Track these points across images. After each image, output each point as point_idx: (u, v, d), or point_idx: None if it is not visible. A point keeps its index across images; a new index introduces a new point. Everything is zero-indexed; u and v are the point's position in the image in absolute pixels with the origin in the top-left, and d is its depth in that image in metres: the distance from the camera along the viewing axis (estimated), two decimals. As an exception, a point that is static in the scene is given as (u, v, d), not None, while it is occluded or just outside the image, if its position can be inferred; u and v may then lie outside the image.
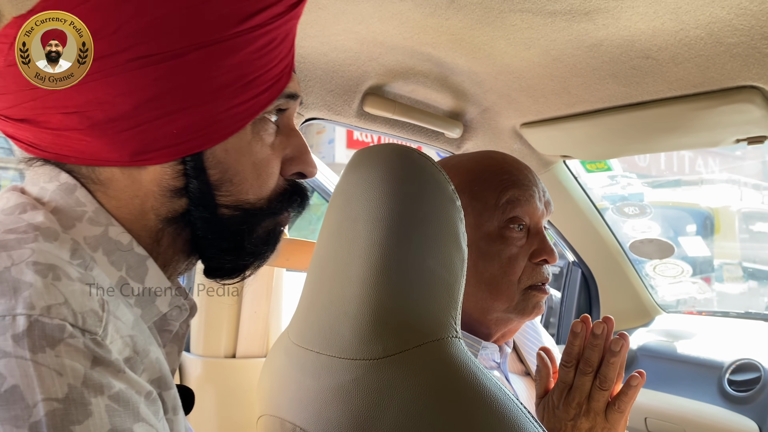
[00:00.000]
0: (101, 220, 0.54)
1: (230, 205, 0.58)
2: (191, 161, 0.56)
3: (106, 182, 0.55)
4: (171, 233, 0.58)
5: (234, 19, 0.53)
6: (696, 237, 5.39)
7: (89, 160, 0.54)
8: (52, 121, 0.52)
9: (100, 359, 0.45)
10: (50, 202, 0.54)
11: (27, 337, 0.42)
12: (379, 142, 0.89)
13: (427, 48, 1.11)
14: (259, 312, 1.34)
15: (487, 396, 0.68)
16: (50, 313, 0.43)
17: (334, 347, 0.75)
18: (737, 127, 1.28)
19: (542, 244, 0.95)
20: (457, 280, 0.77)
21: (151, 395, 0.49)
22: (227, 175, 0.58)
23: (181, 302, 0.60)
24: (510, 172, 0.96)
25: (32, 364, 0.41)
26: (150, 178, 0.56)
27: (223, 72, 0.54)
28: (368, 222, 0.76)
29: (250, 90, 0.56)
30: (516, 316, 0.95)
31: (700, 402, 1.63)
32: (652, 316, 2.09)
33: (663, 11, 0.90)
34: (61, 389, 0.41)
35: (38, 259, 0.47)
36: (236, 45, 0.54)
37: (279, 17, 0.57)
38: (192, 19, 0.52)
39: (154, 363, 0.53)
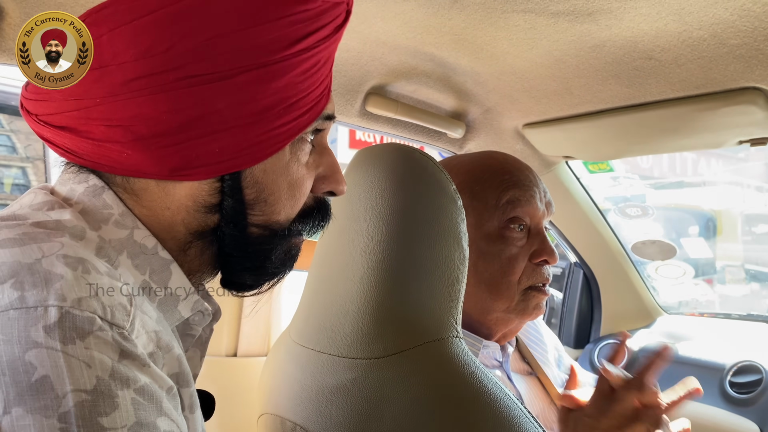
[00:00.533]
0: (127, 222, 0.55)
1: (260, 224, 0.59)
2: (229, 180, 0.56)
3: (139, 192, 0.56)
4: (199, 246, 0.59)
5: (283, 42, 0.54)
6: (698, 239, 5.38)
7: (127, 171, 0.55)
8: (95, 131, 0.52)
9: (126, 353, 0.45)
10: (78, 203, 0.55)
11: (58, 328, 0.42)
12: (382, 142, 0.89)
13: (430, 48, 1.11)
14: (260, 311, 1.34)
15: (487, 395, 0.68)
16: (81, 306, 0.44)
17: (335, 346, 0.75)
18: (740, 129, 1.28)
19: (543, 245, 0.95)
20: (458, 280, 0.77)
21: (172, 390, 0.50)
22: (263, 195, 0.58)
23: (204, 306, 0.60)
24: (511, 172, 0.96)
25: (62, 355, 0.42)
26: (185, 192, 0.56)
27: (269, 94, 0.54)
28: (370, 221, 0.76)
29: (292, 112, 0.56)
30: (516, 316, 0.95)
31: (701, 404, 1.63)
32: (654, 318, 2.09)
33: (666, 12, 0.90)
34: (89, 381, 0.42)
35: (68, 252, 0.47)
36: (283, 69, 0.55)
37: (325, 40, 0.58)
38: (243, 41, 0.52)
39: (175, 359, 0.54)
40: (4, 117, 2.91)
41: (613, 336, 2.00)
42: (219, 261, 0.61)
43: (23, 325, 0.42)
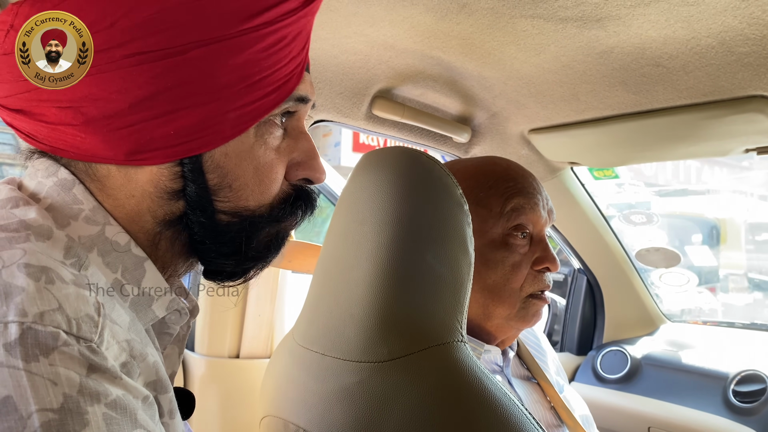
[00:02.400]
0: (98, 218, 0.52)
1: (228, 211, 0.56)
2: (189, 164, 0.53)
3: (102, 179, 0.54)
4: (168, 237, 0.56)
5: (240, 15, 0.51)
6: (702, 247, 5.37)
7: (84, 156, 0.52)
8: (47, 114, 0.50)
9: (95, 366, 0.43)
10: (46, 198, 0.52)
11: (19, 345, 0.40)
12: (385, 146, 0.89)
13: (437, 52, 1.11)
14: (264, 313, 1.34)
15: (492, 400, 0.68)
16: (43, 321, 0.41)
17: (339, 349, 0.75)
18: (747, 137, 1.28)
19: (545, 252, 0.95)
20: (464, 284, 0.76)
21: (147, 399, 0.48)
22: (226, 180, 0.55)
23: (180, 305, 0.58)
24: (515, 179, 0.96)
25: (25, 374, 0.39)
26: (146, 178, 0.54)
27: (227, 72, 0.51)
28: (375, 224, 0.76)
29: (255, 91, 0.53)
30: (516, 323, 0.95)
31: (704, 412, 1.62)
32: (657, 326, 2.09)
33: (675, 20, 0.90)
34: (56, 399, 0.40)
35: (30, 261, 0.44)
36: (242, 43, 0.51)
37: (291, 14, 0.54)
38: (194, 14, 0.50)
39: (150, 366, 0.51)
40: (9, 116, 2.92)
41: (615, 343, 1.99)
42: (193, 249, 0.58)
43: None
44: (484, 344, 0.95)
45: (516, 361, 1.08)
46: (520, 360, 1.09)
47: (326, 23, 0.99)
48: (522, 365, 1.09)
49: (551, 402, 1.03)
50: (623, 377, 1.86)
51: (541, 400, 1.03)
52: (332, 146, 8.69)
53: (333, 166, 1.64)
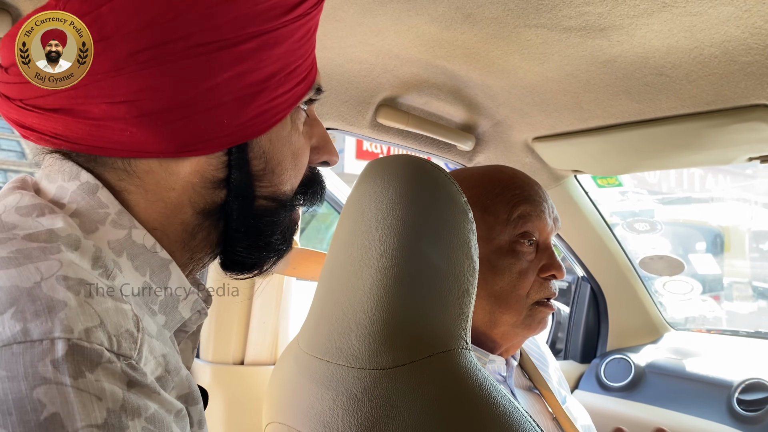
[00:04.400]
0: (124, 222, 0.52)
1: (268, 196, 0.59)
2: (237, 152, 0.55)
3: (141, 175, 0.54)
4: (207, 227, 0.57)
5: (282, 9, 0.54)
6: (706, 255, 5.36)
7: (130, 151, 0.52)
8: (94, 111, 0.50)
9: (135, 382, 0.43)
10: (71, 204, 0.52)
11: (67, 362, 0.40)
12: (389, 153, 0.90)
13: (442, 61, 1.11)
14: (268, 320, 1.34)
15: (497, 408, 0.68)
16: (89, 338, 0.41)
17: (344, 356, 0.75)
18: (750, 146, 1.28)
19: (551, 260, 0.96)
20: (468, 292, 0.77)
21: (180, 413, 0.48)
22: (270, 165, 0.58)
23: (201, 306, 0.59)
24: (522, 187, 0.97)
25: (73, 390, 0.39)
26: (190, 169, 0.54)
27: (271, 62, 0.54)
28: (380, 232, 0.77)
29: (292, 80, 0.57)
30: (522, 330, 0.96)
31: (708, 421, 1.62)
32: (661, 334, 2.08)
33: (678, 29, 0.91)
34: (100, 414, 0.40)
35: (68, 273, 0.44)
36: (283, 34, 0.55)
37: (314, 7, 0.58)
38: (246, 8, 0.52)
39: (184, 380, 0.52)
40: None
41: (619, 351, 1.99)
42: (224, 240, 0.59)
43: (29, 360, 0.39)
44: (489, 354, 0.95)
45: (518, 371, 1.08)
46: (523, 370, 1.10)
47: (332, 33, 1.00)
48: (524, 375, 1.09)
49: (553, 413, 1.03)
50: (627, 385, 1.86)
51: (543, 411, 1.03)
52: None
53: (336, 173, 1.65)
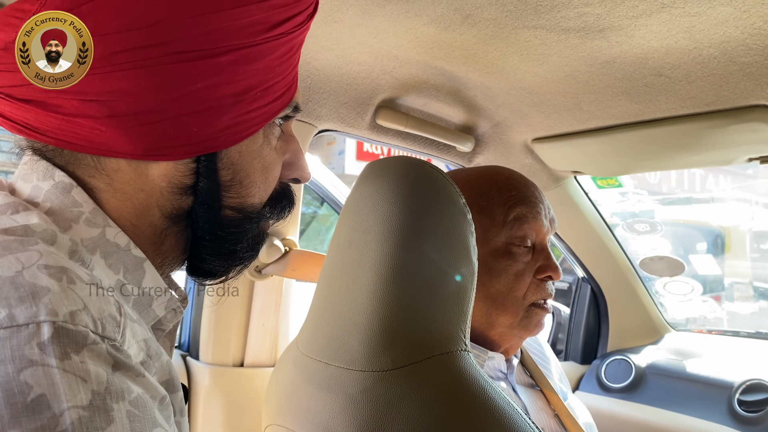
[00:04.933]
0: (98, 221, 0.53)
1: (235, 206, 0.59)
2: (205, 161, 0.56)
3: (111, 173, 0.54)
4: (174, 233, 0.58)
5: (265, 25, 0.55)
6: (706, 255, 5.35)
7: (97, 150, 0.52)
8: (66, 106, 0.50)
9: (120, 364, 0.44)
10: (45, 203, 0.52)
11: (53, 344, 0.40)
12: (389, 155, 0.90)
13: (441, 63, 1.11)
14: (268, 322, 1.34)
15: (495, 410, 0.68)
16: (74, 320, 0.42)
17: (343, 358, 0.75)
18: (750, 146, 1.28)
19: (547, 261, 0.96)
20: (467, 293, 0.77)
21: (165, 400, 0.49)
22: (238, 177, 0.58)
23: (176, 305, 0.59)
24: (518, 188, 0.97)
25: (59, 372, 0.40)
26: (158, 173, 0.55)
27: (249, 76, 0.55)
28: (379, 234, 0.77)
29: (268, 95, 0.57)
30: (519, 331, 0.96)
31: (709, 422, 1.62)
32: (662, 334, 2.08)
33: (677, 30, 0.91)
34: (85, 396, 0.40)
35: (48, 262, 0.45)
36: (263, 50, 0.55)
37: (299, 27, 0.59)
38: (229, 21, 0.52)
39: (164, 365, 0.52)
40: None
41: (620, 352, 1.99)
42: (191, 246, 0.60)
43: (16, 344, 0.40)
44: (487, 351, 0.95)
45: (520, 368, 1.09)
46: (524, 368, 1.10)
47: (331, 34, 1.00)
48: (525, 373, 1.09)
49: (555, 410, 1.03)
50: (627, 386, 1.85)
51: (545, 408, 1.03)
52: (336, 155, 8.71)
53: (337, 175, 1.65)
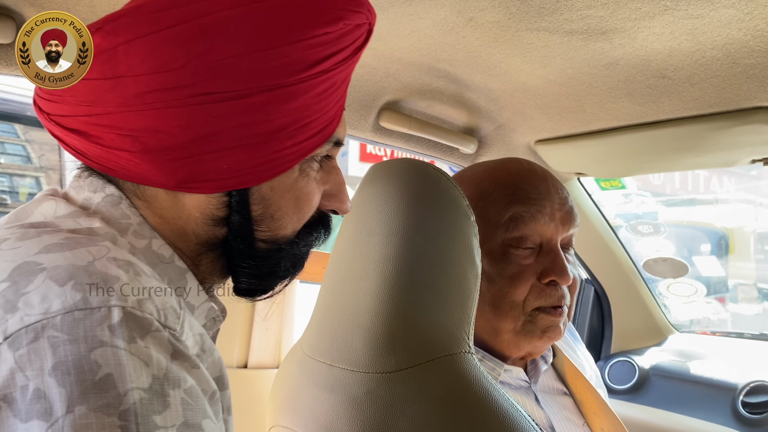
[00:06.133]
0: (145, 232, 0.55)
1: (267, 240, 0.59)
2: (236, 195, 0.56)
3: (149, 199, 0.56)
4: (210, 257, 0.59)
5: (301, 65, 0.54)
6: (710, 257, 5.34)
7: (135, 178, 0.55)
8: (105, 138, 0.53)
9: (178, 353, 0.46)
10: (97, 213, 0.55)
11: (122, 327, 0.43)
12: (392, 156, 0.89)
13: (444, 65, 1.12)
14: (272, 323, 1.34)
15: (499, 412, 0.68)
16: (141, 307, 0.45)
17: (346, 360, 0.75)
18: (753, 148, 1.28)
19: (552, 264, 0.87)
20: (471, 295, 0.77)
21: (215, 395, 0.50)
22: (269, 211, 0.58)
23: (216, 314, 0.61)
24: (517, 185, 0.89)
25: (125, 354, 0.42)
26: (193, 204, 0.56)
27: (281, 115, 0.54)
28: (383, 235, 0.77)
29: (303, 133, 0.56)
30: (524, 338, 0.87)
31: (713, 423, 1.61)
32: (665, 336, 2.07)
33: (680, 32, 0.91)
34: (147, 379, 0.43)
35: (116, 256, 0.48)
36: (299, 90, 0.54)
37: (342, 63, 0.57)
38: (261, 63, 0.52)
39: (216, 362, 0.54)
40: (19, 127, 2.94)
41: (623, 354, 1.99)
42: (230, 270, 0.61)
43: (89, 325, 0.42)
44: (503, 364, 0.88)
45: (550, 374, 0.99)
46: (556, 372, 1.00)
47: (334, 37, 1.00)
48: (557, 378, 0.99)
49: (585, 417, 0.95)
50: (631, 388, 1.85)
51: (573, 417, 0.94)
52: (339, 156, 8.69)
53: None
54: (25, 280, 0.44)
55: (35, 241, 0.48)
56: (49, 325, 0.42)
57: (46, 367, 0.41)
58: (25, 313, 0.42)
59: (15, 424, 0.40)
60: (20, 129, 2.95)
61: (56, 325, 0.42)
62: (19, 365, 0.41)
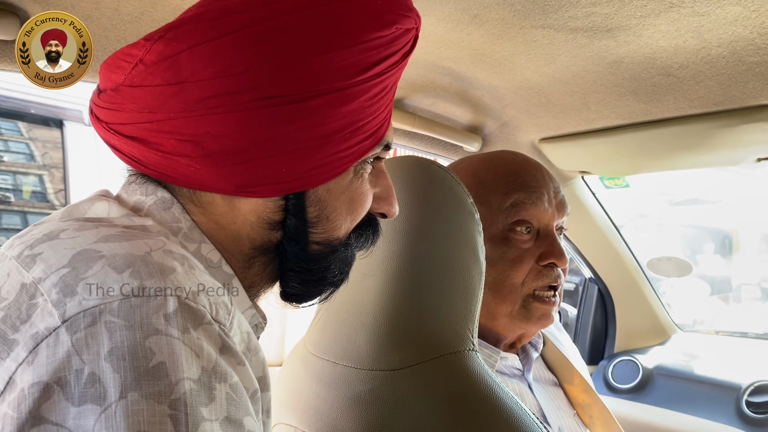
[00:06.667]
0: (195, 236, 0.56)
1: (321, 241, 0.60)
2: (293, 199, 0.57)
3: (205, 205, 0.57)
4: (262, 261, 0.60)
5: (357, 68, 0.55)
6: (714, 256, 5.33)
7: (193, 184, 0.56)
8: (165, 144, 0.53)
9: (226, 348, 0.47)
10: (148, 215, 0.56)
11: (177, 316, 0.44)
12: (396, 155, 0.90)
13: (448, 62, 1.11)
14: (275, 321, 1.34)
15: (503, 410, 0.68)
16: (195, 299, 0.46)
17: (350, 357, 0.75)
18: (758, 146, 1.28)
19: (551, 247, 0.92)
20: (475, 293, 0.77)
21: (256, 394, 0.51)
22: (324, 213, 0.59)
23: (258, 320, 0.62)
24: (516, 173, 0.94)
25: (179, 343, 0.43)
26: (249, 208, 0.57)
27: (338, 118, 0.55)
28: (387, 233, 0.77)
29: (357, 135, 0.57)
30: (521, 322, 0.92)
31: (717, 423, 1.61)
32: (669, 335, 2.07)
33: (685, 29, 0.90)
34: (197, 370, 0.43)
35: (172, 249, 0.49)
36: (354, 93, 0.55)
37: (394, 66, 0.58)
38: (319, 66, 0.53)
39: (260, 362, 0.54)
40: (23, 125, 2.95)
41: (627, 353, 1.98)
42: (280, 275, 0.62)
43: (145, 312, 0.43)
44: (500, 351, 0.92)
45: (541, 364, 1.04)
46: (546, 362, 1.05)
47: (338, 34, 1.00)
48: (547, 368, 1.04)
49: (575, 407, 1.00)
50: (635, 387, 1.85)
51: (564, 406, 0.99)
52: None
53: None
54: (84, 266, 0.45)
55: (93, 231, 0.49)
56: (106, 310, 0.42)
57: (102, 352, 0.41)
58: (83, 297, 0.43)
59: (66, 408, 0.40)
60: (23, 127, 2.96)
61: (113, 310, 0.43)
62: (76, 348, 0.41)
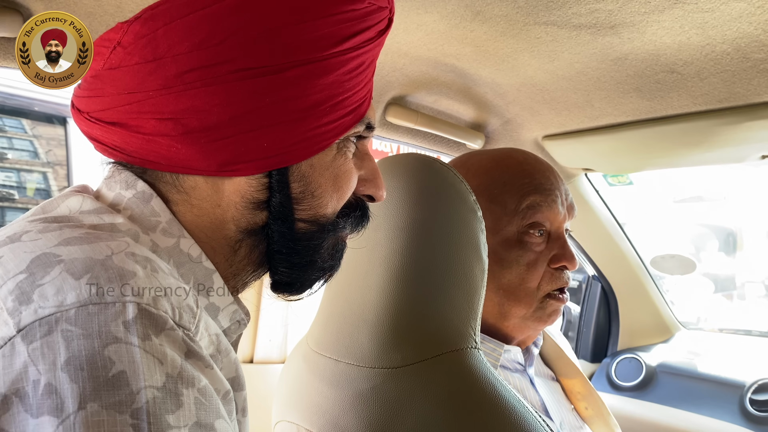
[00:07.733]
0: (174, 231, 0.55)
1: (308, 219, 0.60)
2: (277, 175, 0.57)
3: (188, 190, 0.57)
4: (249, 245, 0.59)
5: (332, 39, 0.55)
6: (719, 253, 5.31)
7: (175, 167, 0.55)
8: (146, 126, 0.53)
9: (192, 353, 0.46)
10: (126, 209, 0.55)
11: (136, 324, 0.43)
12: (398, 152, 0.89)
13: (451, 59, 1.11)
14: (277, 318, 1.34)
15: (506, 407, 0.68)
16: (156, 305, 0.44)
17: (352, 355, 0.75)
18: (763, 143, 1.27)
19: (563, 250, 0.92)
20: (477, 291, 0.77)
21: (228, 395, 0.50)
22: (309, 189, 0.59)
23: (240, 316, 0.61)
24: (531, 175, 0.93)
25: (140, 351, 0.42)
26: (233, 189, 0.57)
27: (317, 90, 0.55)
28: (389, 230, 0.77)
29: (338, 110, 0.58)
30: (533, 323, 0.92)
31: (720, 421, 1.61)
32: (672, 333, 2.07)
33: (689, 26, 0.90)
34: (160, 378, 0.42)
35: (135, 251, 0.48)
36: (331, 65, 0.56)
37: (369, 42, 0.59)
38: (294, 37, 0.53)
39: (232, 363, 0.54)
40: (27, 122, 2.96)
41: (630, 350, 1.98)
42: (267, 260, 0.61)
43: (103, 320, 0.42)
44: (503, 344, 0.92)
45: (540, 359, 1.05)
46: (544, 359, 1.06)
47: (341, 31, 0.99)
48: (545, 364, 1.05)
49: (572, 403, 1.01)
50: (638, 385, 1.85)
51: (562, 401, 1.00)
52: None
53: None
54: (41, 272, 0.44)
55: (56, 234, 0.48)
56: (63, 318, 0.41)
57: (59, 362, 0.40)
58: (39, 305, 0.42)
59: (26, 420, 0.39)
60: (28, 124, 2.97)
61: (70, 318, 0.41)
62: (32, 359, 0.40)
